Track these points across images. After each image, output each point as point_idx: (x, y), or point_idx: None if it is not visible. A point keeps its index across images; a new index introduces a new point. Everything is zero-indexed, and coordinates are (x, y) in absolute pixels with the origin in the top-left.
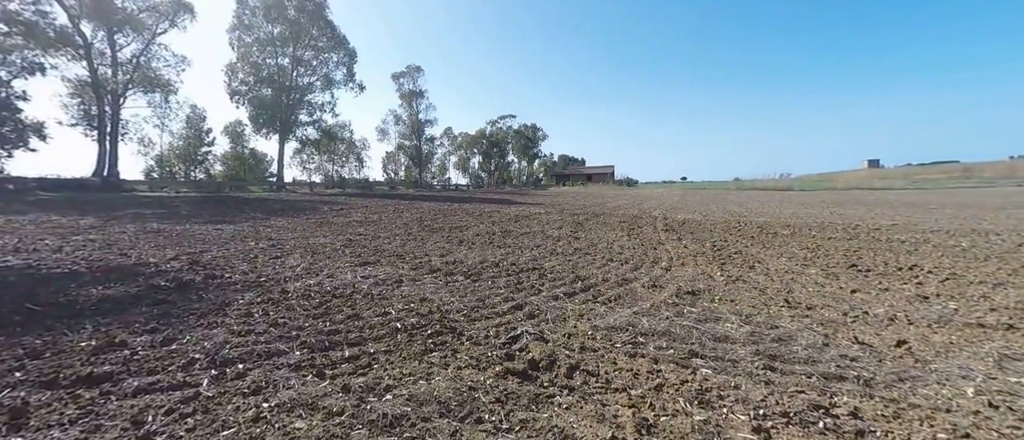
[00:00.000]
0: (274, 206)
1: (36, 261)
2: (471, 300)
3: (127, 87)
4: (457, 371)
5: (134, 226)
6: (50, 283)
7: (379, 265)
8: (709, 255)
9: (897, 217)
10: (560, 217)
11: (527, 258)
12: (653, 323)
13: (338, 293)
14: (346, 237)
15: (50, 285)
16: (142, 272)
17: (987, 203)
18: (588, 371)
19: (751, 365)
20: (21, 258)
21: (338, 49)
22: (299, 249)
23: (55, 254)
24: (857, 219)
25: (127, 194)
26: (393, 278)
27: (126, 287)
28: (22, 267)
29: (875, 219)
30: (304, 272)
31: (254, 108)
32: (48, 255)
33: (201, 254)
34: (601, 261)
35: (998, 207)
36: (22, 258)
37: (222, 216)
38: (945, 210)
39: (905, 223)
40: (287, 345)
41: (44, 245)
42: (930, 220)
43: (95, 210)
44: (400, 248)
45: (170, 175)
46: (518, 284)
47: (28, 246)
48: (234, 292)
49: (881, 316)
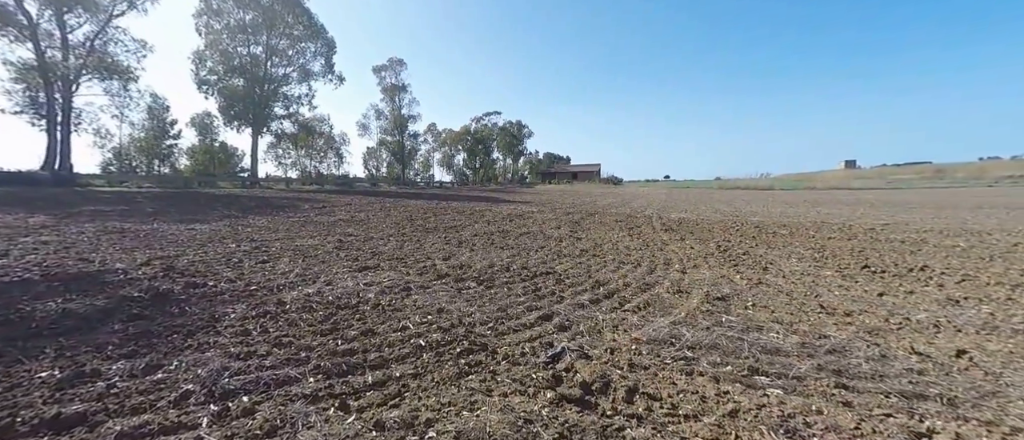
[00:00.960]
0: (249, 203)
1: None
2: (492, 310)
3: (80, 73)
4: (503, 399)
5: (94, 225)
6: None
7: (380, 270)
8: (718, 257)
9: (885, 217)
10: (555, 216)
11: (536, 261)
12: (696, 334)
13: (343, 304)
14: (336, 238)
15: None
16: (109, 281)
17: (962, 203)
18: (649, 394)
19: (820, 383)
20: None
21: (315, 38)
22: (288, 252)
23: (0, 259)
24: (848, 219)
25: (81, 189)
26: (399, 285)
27: (91, 299)
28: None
29: (864, 219)
30: (299, 279)
31: (224, 99)
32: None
33: (176, 258)
34: (613, 263)
35: (975, 206)
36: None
37: (193, 214)
38: (925, 209)
39: (896, 223)
40: (298, 370)
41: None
42: (917, 219)
43: (46, 207)
44: (397, 250)
45: (130, 169)
46: (536, 291)
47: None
48: (222, 304)
49: (925, 322)
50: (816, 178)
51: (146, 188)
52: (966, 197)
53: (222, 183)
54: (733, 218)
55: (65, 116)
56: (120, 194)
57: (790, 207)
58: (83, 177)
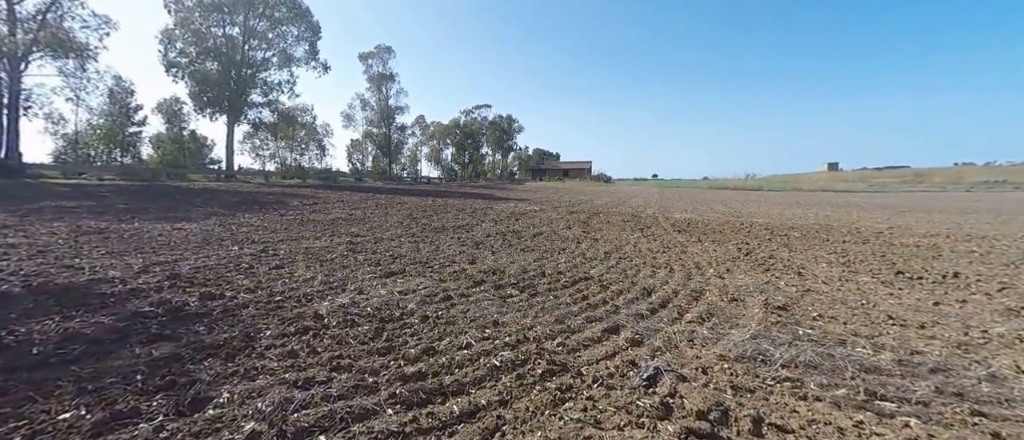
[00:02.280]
0: (231, 199)
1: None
2: (549, 321)
3: (30, 49)
4: (621, 433)
5: (65, 224)
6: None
7: (408, 275)
8: (745, 260)
9: (882, 220)
10: (560, 215)
11: (565, 264)
12: (782, 351)
13: (386, 316)
14: (345, 239)
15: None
16: (108, 292)
17: (947, 207)
18: (778, 426)
19: (952, 409)
20: None
21: (299, 21)
22: (299, 255)
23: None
24: (847, 221)
25: (33, 181)
26: (437, 293)
27: (95, 316)
28: None
29: (863, 222)
30: (324, 287)
31: (196, 83)
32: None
33: (176, 264)
34: (647, 267)
35: (961, 211)
36: None
37: (174, 211)
38: (916, 213)
39: (897, 226)
40: (371, 399)
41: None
42: (914, 223)
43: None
44: (416, 253)
45: (87, 159)
46: (584, 298)
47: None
48: (251, 319)
49: (1007, 337)
50: (801, 180)
51: (108, 181)
52: (948, 201)
53: (194, 176)
54: (736, 219)
55: (12, 98)
56: (80, 187)
57: (786, 208)
58: (33, 167)
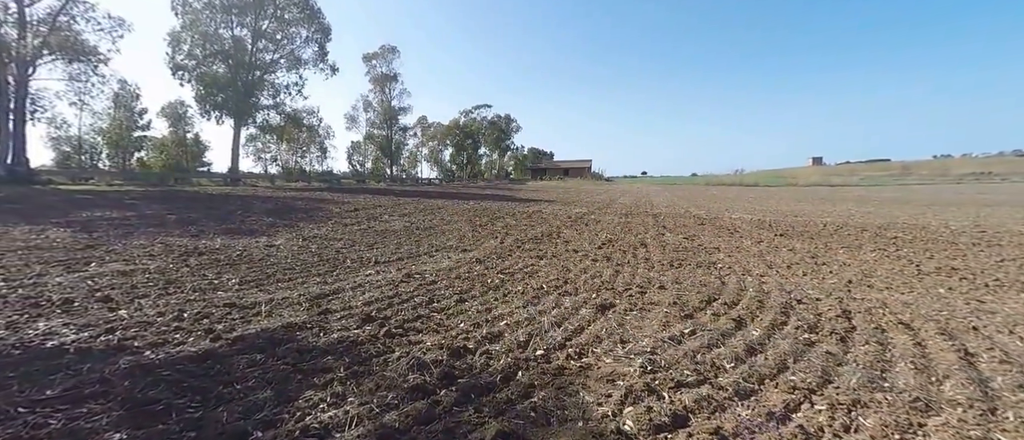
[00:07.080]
0: (265, 206)
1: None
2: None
3: (39, 53)
4: None
5: (144, 241)
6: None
7: (585, 297)
8: (808, 263)
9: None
10: (619, 219)
11: (642, 277)
12: None
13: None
14: (469, 257)
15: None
16: (327, 348)
17: (947, 200)
18: None
19: None
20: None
21: (309, 23)
22: (444, 281)
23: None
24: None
25: (43, 187)
26: (658, 322)
27: (286, 383)
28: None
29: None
30: (526, 323)
31: (203, 86)
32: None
33: (324, 299)
34: (732, 275)
35: (961, 204)
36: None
37: (227, 223)
38: (918, 206)
39: (915, 223)
40: None
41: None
42: (929, 217)
43: (28, 213)
44: (564, 272)
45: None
46: (739, 323)
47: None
48: (529, 387)
49: None
50: (792, 175)
51: (118, 185)
52: (944, 194)
53: (200, 180)
54: (795, 217)
55: (19, 103)
56: (100, 194)
57: (792, 204)
58: (40, 173)
